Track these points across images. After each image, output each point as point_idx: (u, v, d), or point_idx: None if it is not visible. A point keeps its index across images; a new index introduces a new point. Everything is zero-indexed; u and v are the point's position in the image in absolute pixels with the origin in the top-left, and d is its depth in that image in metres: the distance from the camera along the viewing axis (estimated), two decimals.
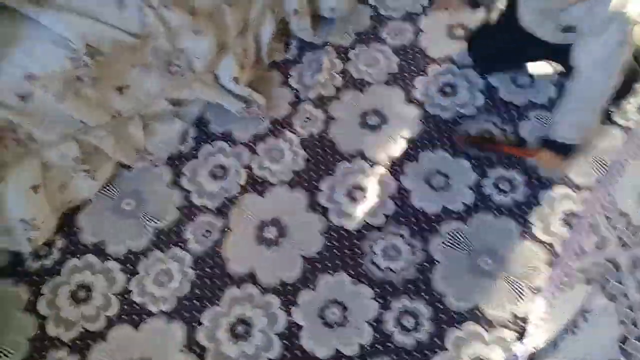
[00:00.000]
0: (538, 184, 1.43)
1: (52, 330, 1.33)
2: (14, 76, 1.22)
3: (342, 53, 1.73)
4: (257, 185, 1.51)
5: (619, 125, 1.49)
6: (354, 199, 1.46)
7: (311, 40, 1.77)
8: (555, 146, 1.30)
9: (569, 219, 1.37)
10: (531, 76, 1.60)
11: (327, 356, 1.25)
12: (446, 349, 1.24)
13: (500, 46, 1.51)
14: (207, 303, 1.34)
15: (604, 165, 1.43)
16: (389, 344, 1.26)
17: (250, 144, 1.58)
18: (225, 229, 1.44)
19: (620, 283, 1.26)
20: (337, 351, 1.26)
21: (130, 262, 1.41)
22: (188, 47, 1.43)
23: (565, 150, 1.30)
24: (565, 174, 1.43)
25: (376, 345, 1.26)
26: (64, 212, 1.49)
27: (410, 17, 1.79)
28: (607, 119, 1.49)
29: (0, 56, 1.21)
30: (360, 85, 1.66)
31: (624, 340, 1.19)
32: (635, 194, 1.37)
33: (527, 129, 1.51)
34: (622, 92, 1.48)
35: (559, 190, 1.41)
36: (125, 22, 1.29)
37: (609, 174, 1.41)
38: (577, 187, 1.41)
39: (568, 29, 1.26)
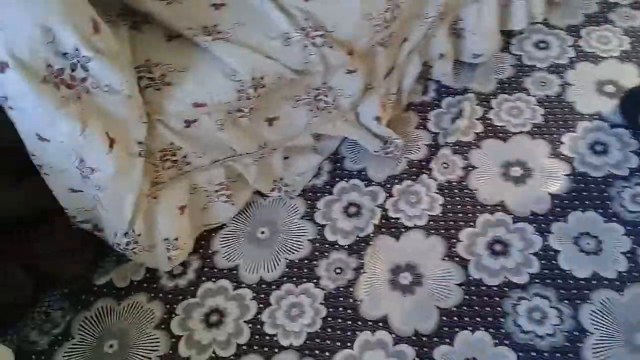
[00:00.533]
0: None
1: (183, 351, 1.36)
2: (183, 103, 1.28)
3: (483, 100, 1.71)
4: (391, 227, 1.49)
5: None
6: (495, 253, 1.40)
7: (451, 85, 1.75)
8: None
9: None
10: None
11: None
12: None
13: None
14: (339, 343, 1.32)
15: None
16: None
17: (386, 184, 1.57)
18: (359, 269, 1.42)
19: None
20: None
21: (262, 292, 1.42)
22: (338, 85, 1.46)
23: None
24: None
25: None
26: (201, 234, 1.53)
27: (557, 69, 1.74)
28: None
29: (175, 83, 1.28)
30: (502, 134, 1.62)
31: None
32: None
33: None
34: None
35: None
36: (289, 57, 1.33)
37: None
38: None
39: None
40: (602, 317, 1.27)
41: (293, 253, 1.48)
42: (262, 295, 1.42)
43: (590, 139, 1.57)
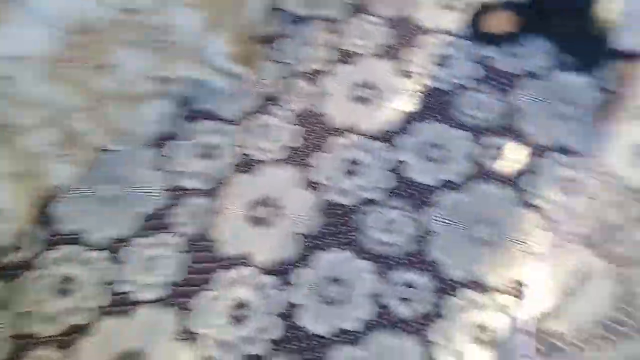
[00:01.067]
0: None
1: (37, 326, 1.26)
2: None
3: (333, 25, 1.69)
4: (247, 164, 1.46)
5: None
6: (349, 173, 1.42)
7: (301, 13, 1.72)
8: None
9: (565, 185, 1.35)
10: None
11: (327, 333, 1.22)
12: (446, 317, 1.22)
13: None
14: (201, 287, 1.29)
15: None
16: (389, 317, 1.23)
17: (239, 121, 1.53)
18: (217, 211, 1.38)
19: (615, 242, 1.25)
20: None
21: (114, 251, 1.35)
22: (178, 22, 1.37)
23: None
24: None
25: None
26: (41, 201, 1.42)
27: None
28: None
29: None
30: (352, 58, 1.62)
31: (621, 299, 1.18)
32: (629, 155, 1.36)
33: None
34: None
35: (555, 157, 1.39)
36: None
37: (602, 138, 1.40)
38: (572, 153, 1.40)
39: None
40: (448, 217, 1.33)
41: (146, 206, 1.40)
42: (114, 254, 1.34)
43: (436, 52, 1.61)
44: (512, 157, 1.40)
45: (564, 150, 1.41)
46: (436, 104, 1.51)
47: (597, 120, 1.42)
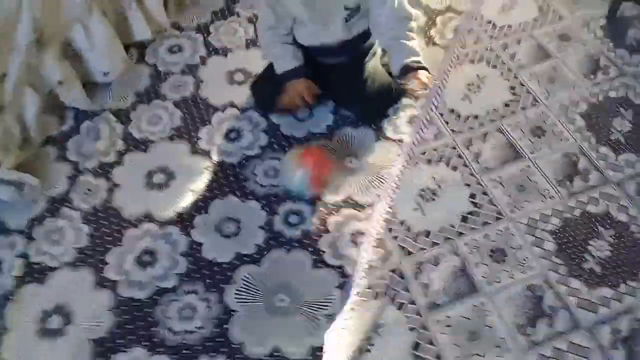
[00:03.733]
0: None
1: None
2: None
3: (123, 116, 1.74)
4: (35, 273, 1.43)
5: (392, 140, 1.63)
6: (143, 265, 1.44)
7: (87, 109, 1.75)
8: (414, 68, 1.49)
9: (356, 239, 1.45)
10: (311, 110, 1.71)
11: None
12: None
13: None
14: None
15: (382, 181, 1.55)
16: None
17: (26, 229, 1.51)
18: (1, 330, 1.34)
19: (407, 290, 1.35)
20: None
21: None
22: None
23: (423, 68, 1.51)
24: (350, 196, 1.52)
25: None
26: None
27: (190, 69, 1.85)
28: (380, 136, 1.63)
29: None
30: (143, 145, 1.67)
31: (416, 346, 1.27)
32: (412, 201, 1.50)
33: None
34: (382, 110, 1.65)
35: (345, 212, 1.50)
36: None
37: (386, 187, 1.53)
38: (360, 207, 1.51)
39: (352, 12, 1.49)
40: (246, 292, 1.38)
41: None
42: None
43: (224, 127, 1.70)
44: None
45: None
46: (228, 178, 1.58)
47: None
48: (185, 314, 1.36)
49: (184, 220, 1.51)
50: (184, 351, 1.30)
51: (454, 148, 1.60)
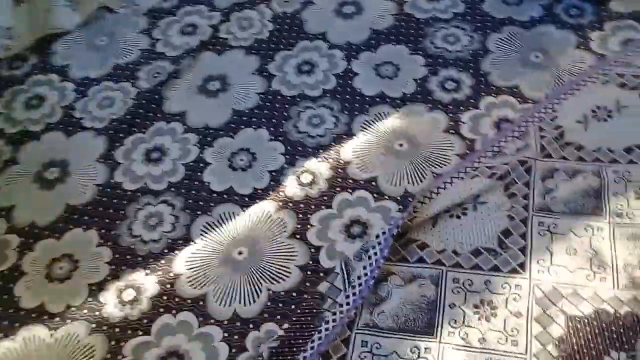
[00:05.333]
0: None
1: None
2: None
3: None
4: (217, 45, 1.66)
5: (592, 51, 1.48)
6: (302, 72, 1.57)
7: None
8: None
9: (501, 123, 1.39)
10: None
11: None
12: None
13: None
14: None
15: (560, 83, 1.44)
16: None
17: (226, 10, 1.73)
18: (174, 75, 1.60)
19: (526, 186, 1.28)
20: None
21: (83, 86, 1.61)
22: None
23: None
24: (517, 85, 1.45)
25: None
26: (43, 37, 1.71)
27: None
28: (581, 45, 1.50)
29: None
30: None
31: (506, 234, 1.21)
32: (579, 114, 1.37)
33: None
34: None
35: (501, 98, 1.44)
36: None
37: (559, 90, 1.42)
38: (524, 99, 1.43)
39: None
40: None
41: (121, 58, 1.66)
42: (82, 88, 1.60)
43: None
44: None
45: None
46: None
47: None
48: (315, 122, 1.46)
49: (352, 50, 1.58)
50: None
51: None
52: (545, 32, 1.55)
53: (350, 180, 1.34)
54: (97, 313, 1.18)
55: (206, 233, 1.29)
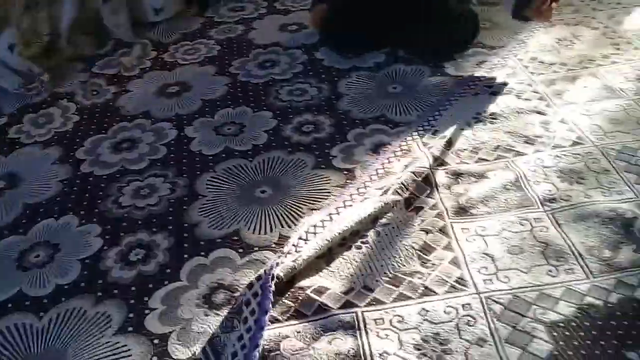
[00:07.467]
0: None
1: None
2: None
3: (160, 45, 1.67)
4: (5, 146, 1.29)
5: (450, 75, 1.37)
6: (119, 150, 1.24)
7: (129, 40, 1.70)
8: None
9: (378, 149, 1.15)
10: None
11: None
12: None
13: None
14: None
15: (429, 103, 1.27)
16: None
17: (16, 113, 1.40)
18: None
19: (430, 196, 1.00)
20: None
21: None
22: None
23: None
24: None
25: None
26: None
27: (245, 21, 1.77)
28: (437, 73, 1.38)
29: None
30: (170, 66, 1.56)
31: (427, 250, 0.90)
32: (462, 122, 1.19)
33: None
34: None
35: (370, 127, 1.23)
36: None
37: (433, 108, 1.25)
38: (394, 124, 1.23)
39: None
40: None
41: None
42: None
43: (260, 59, 1.55)
44: None
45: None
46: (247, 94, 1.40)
47: None
48: (143, 193, 1.11)
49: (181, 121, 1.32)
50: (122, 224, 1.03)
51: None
52: (395, 69, 1.43)
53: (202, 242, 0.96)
54: None
55: None
